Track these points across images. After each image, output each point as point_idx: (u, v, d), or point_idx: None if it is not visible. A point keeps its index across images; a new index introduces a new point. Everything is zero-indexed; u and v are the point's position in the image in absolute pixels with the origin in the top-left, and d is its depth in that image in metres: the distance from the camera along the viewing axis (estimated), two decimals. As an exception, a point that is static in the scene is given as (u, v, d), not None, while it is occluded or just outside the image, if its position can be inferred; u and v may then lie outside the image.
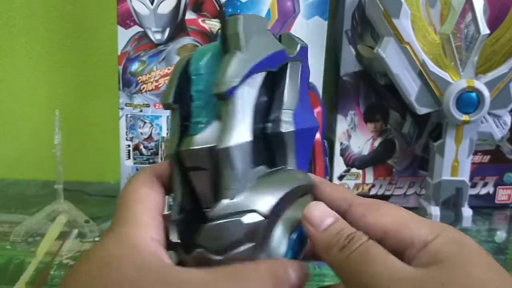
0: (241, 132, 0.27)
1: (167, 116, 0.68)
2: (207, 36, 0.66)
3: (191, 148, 0.27)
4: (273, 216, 0.27)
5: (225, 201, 0.27)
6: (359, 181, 0.73)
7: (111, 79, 0.72)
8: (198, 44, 0.66)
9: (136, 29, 0.65)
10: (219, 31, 0.66)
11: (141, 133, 0.69)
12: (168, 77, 0.67)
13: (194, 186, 0.28)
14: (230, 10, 0.65)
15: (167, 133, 0.68)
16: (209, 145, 0.27)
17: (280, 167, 0.30)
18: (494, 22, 0.66)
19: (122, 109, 0.68)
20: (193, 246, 0.27)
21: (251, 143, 0.27)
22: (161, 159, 0.68)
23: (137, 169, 0.69)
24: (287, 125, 0.29)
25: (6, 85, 0.81)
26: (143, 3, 0.65)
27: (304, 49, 0.31)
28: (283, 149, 0.29)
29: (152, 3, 0.65)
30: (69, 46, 0.80)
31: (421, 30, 0.64)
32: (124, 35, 0.66)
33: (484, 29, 0.61)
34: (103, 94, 0.81)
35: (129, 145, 0.69)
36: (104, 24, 0.78)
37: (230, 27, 0.27)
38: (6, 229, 0.63)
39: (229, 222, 0.26)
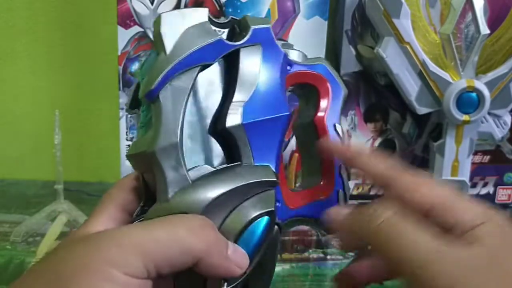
0: (167, 134, 0.26)
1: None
2: (207, 36, 0.66)
3: (128, 154, 0.28)
4: (208, 215, 0.26)
5: (156, 204, 0.27)
6: (359, 181, 0.73)
7: (111, 79, 0.72)
8: (198, 44, 0.66)
9: (136, 29, 0.65)
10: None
11: (141, 133, 0.69)
12: (168, 77, 0.67)
13: (148, 187, 0.29)
14: (230, 10, 0.65)
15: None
16: (141, 150, 0.27)
17: (231, 164, 0.28)
18: (494, 22, 0.65)
19: (122, 109, 0.68)
20: None
21: (179, 144, 0.26)
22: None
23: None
24: (232, 119, 0.28)
25: (6, 85, 0.81)
26: (143, 3, 0.65)
27: (263, 30, 0.29)
28: (235, 144, 0.28)
29: (152, 3, 0.65)
30: (69, 46, 0.80)
31: (421, 30, 0.64)
32: (124, 35, 0.66)
33: (484, 29, 0.61)
34: (103, 94, 0.81)
35: (129, 145, 0.69)
36: (104, 24, 0.78)
37: (155, 28, 0.27)
38: (6, 229, 0.63)
39: None
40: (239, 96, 0.28)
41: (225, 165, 0.28)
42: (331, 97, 0.34)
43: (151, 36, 0.66)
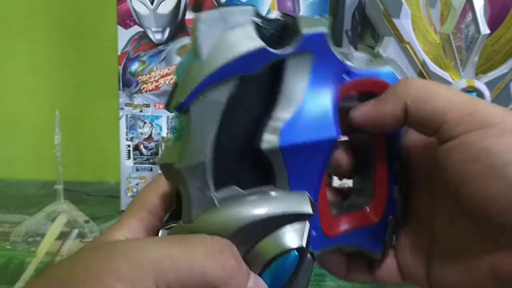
0: (194, 152, 0.23)
1: (168, 116, 0.68)
2: (207, 36, 0.66)
3: (159, 162, 0.26)
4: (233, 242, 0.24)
5: (180, 224, 0.24)
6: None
7: (111, 79, 0.72)
8: (198, 44, 0.66)
9: (136, 29, 0.65)
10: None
11: (141, 133, 0.69)
12: (168, 77, 0.67)
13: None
14: (230, 10, 0.65)
15: (167, 133, 0.68)
16: (168, 162, 0.24)
17: (263, 189, 0.25)
18: (494, 22, 0.65)
19: (122, 109, 0.68)
20: None
21: (207, 163, 0.23)
22: (161, 159, 0.68)
23: (137, 169, 0.69)
24: (268, 140, 0.24)
25: (6, 85, 0.81)
26: (143, 3, 0.65)
27: (316, 37, 0.24)
28: (270, 166, 0.25)
29: (152, 3, 0.65)
30: (69, 46, 0.80)
31: (421, 30, 0.64)
32: (124, 35, 0.66)
33: (485, 29, 0.61)
34: (103, 94, 0.81)
35: (129, 145, 0.69)
36: (104, 24, 0.78)
37: (192, 29, 0.23)
38: (6, 229, 0.63)
39: None
40: (280, 113, 0.24)
41: (257, 189, 0.25)
42: None
43: (151, 36, 0.66)
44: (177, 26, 0.66)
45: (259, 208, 0.24)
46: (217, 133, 0.23)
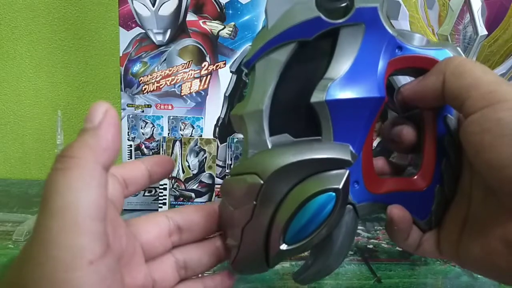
0: (255, 101, 0.28)
1: (169, 116, 0.68)
2: (208, 37, 0.67)
3: (231, 113, 0.30)
4: (274, 182, 0.28)
5: (238, 161, 0.30)
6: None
7: (113, 80, 0.73)
8: (199, 46, 0.67)
9: (137, 30, 0.66)
10: (219, 32, 0.67)
11: (143, 133, 0.69)
12: (169, 78, 0.67)
13: None
14: (230, 11, 0.66)
15: (168, 134, 0.69)
16: (234, 113, 0.29)
17: (310, 138, 0.29)
18: (492, 23, 0.66)
19: (123, 109, 0.68)
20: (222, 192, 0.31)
21: (264, 111, 0.28)
22: (162, 159, 0.68)
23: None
24: (317, 95, 0.28)
25: (9, 85, 0.82)
26: (144, 5, 0.65)
27: (368, 10, 0.28)
28: (318, 119, 0.28)
29: (153, 4, 0.65)
30: (71, 47, 0.80)
31: (420, 31, 0.64)
32: (125, 37, 0.66)
33: (482, 30, 0.62)
34: (105, 95, 0.81)
35: (130, 145, 0.70)
36: (106, 26, 0.78)
37: (266, 3, 0.28)
38: (9, 228, 0.64)
39: (235, 180, 0.29)
40: (331, 73, 0.28)
41: (305, 138, 0.29)
42: None
43: (152, 37, 0.66)
44: (178, 27, 0.66)
45: (304, 152, 0.28)
46: (276, 87, 0.28)
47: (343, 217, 0.29)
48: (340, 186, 0.28)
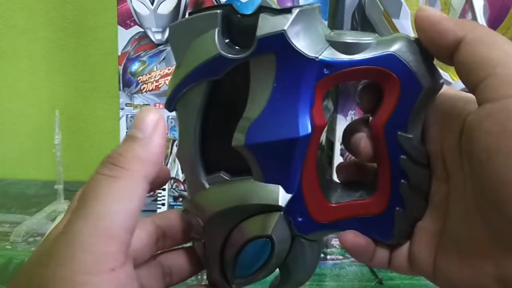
0: (182, 144, 0.28)
1: (167, 116, 0.68)
2: (207, 36, 0.66)
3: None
4: (213, 225, 0.28)
5: (185, 198, 0.30)
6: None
7: (112, 79, 0.73)
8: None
9: (136, 29, 0.65)
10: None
11: (141, 133, 0.69)
12: (168, 77, 0.67)
13: None
14: (230, 10, 0.65)
15: (167, 133, 0.69)
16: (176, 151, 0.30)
17: (242, 178, 0.27)
18: (494, 22, 0.66)
19: (122, 109, 0.68)
20: None
21: (191, 154, 0.28)
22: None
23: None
24: (237, 138, 0.26)
25: (7, 85, 0.81)
26: (143, 4, 0.65)
27: (272, 39, 0.24)
28: (247, 161, 0.27)
29: (152, 3, 0.65)
30: (69, 46, 0.80)
31: (421, 30, 0.64)
32: (124, 35, 0.66)
33: (484, 29, 0.61)
34: (104, 94, 0.81)
35: (129, 145, 0.69)
36: (105, 24, 0.78)
37: (169, 40, 0.28)
38: (7, 229, 0.63)
39: (187, 216, 0.30)
40: (249, 113, 0.26)
41: (238, 178, 0.28)
42: (398, 96, 0.25)
43: (151, 36, 0.66)
44: (177, 26, 0.66)
45: (235, 197, 0.27)
46: (201, 128, 0.27)
47: (294, 247, 0.29)
48: (270, 233, 0.27)
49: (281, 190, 0.27)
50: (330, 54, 0.25)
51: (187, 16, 0.26)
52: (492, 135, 0.20)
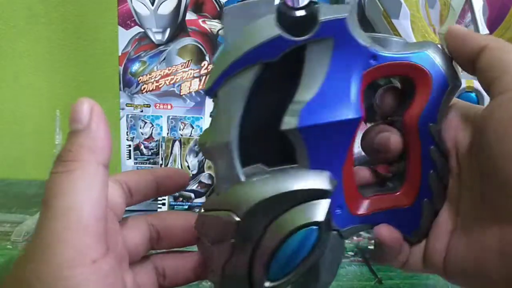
0: (220, 133, 0.26)
1: (168, 116, 0.68)
2: (208, 36, 0.66)
3: (198, 140, 0.28)
4: (251, 219, 0.26)
5: (211, 196, 0.27)
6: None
7: (112, 79, 0.73)
8: (199, 45, 0.67)
9: (136, 29, 0.66)
10: (219, 31, 0.66)
11: (142, 133, 0.69)
12: (168, 77, 0.67)
13: None
14: (230, 10, 0.65)
15: (167, 133, 0.69)
16: (200, 142, 0.27)
17: (285, 167, 0.27)
18: (493, 22, 0.66)
19: (122, 109, 0.68)
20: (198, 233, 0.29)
21: (232, 143, 0.25)
22: (162, 159, 0.68)
23: (137, 169, 0.69)
24: (288, 121, 0.26)
25: (7, 85, 0.81)
26: (143, 4, 0.65)
27: (334, 23, 0.25)
28: (292, 146, 0.26)
29: (152, 3, 0.65)
30: (70, 47, 0.80)
31: (421, 30, 0.64)
32: (124, 36, 0.66)
33: (484, 30, 0.61)
34: (104, 94, 0.81)
35: (129, 145, 0.69)
36: (105, 25, 0.78)
37: (222, 22, 0.27)
38: (7, 228, 0.63)
39: (209, 216, 0.27)
40: (301, 96, 0.26)
41: (279, 167, 0.27)
42: (430, 91, 0.28)
43: (151, 36, 0.66)
44: (177, 26, 0.66)
45: (280, 185, 0.26)
46: (243, 115, 0.25)
47: (329, 242, 0.28)
48: (322, 219, 0.26)
49: (329, 175, 0.27)
50: (374, 47, 0.27)
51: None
52: (503, 121, 0.23)
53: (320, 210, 0.26)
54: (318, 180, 0.26)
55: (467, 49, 0.27)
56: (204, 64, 0.67)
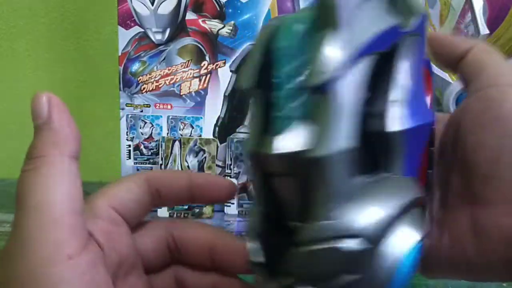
0: (341, 137, 0.20)
1: (168, 116, 0.68)
2: (208, 36, 0.66)
3: (272, 153, 0.21)
4: (381, 240, 0.21)
5: (321, 222, 0.20)
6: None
7: (112, 79, 0.73)
8: (199, 45, 0.66)
9: (136, 29, 0.66)
10: (219, 31, 0.66)
11: (142, 133, 0.69)
12: (168, 78, 0.67)
13: (276, 193, 0.23)
14: (230, 10, 0.65)
15: (167, 133, 0.69)
16: (296, 150, 0.20)
17: (383, 175, 0.22)
18: (493, 22, 0.66)
19: (122, 109, 0.68)
20: (281, 272, 0.22)
21: (356, 150, 0.20)
22: (161, 159, 0.68)
23: (137, 169, 0.69)
24: (394, 122, 0.22)
25: (7, 85, 0.81)
26: (143, 4, 0.65)
27: (423, 18, 0.23)
28: (388, 152, 0.22)
29: (152, 3, 0.65)
30: (69, 46, 0.80)
31: (421, 30, 0.64)
32: (124, 36, 0.66)
33: (484, 29, 0.61)
34: (104, 94, 0.81)
35: (129, 145, 0.69)
36: (105, 25, 0.78)
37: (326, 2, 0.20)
38: (7, 229, 0.63)
39: (326, 249, 0.20)
40: (395, 95, 0.22)
41: (382, 175, 0.22)
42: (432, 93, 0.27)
43: (151, 36, 0.66)
44: (177, 26, 0.66)
45: (394, 199, 0.21)
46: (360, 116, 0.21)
47: None
48: (426, 231, 0.23)
49: (417, 182, 0.24)
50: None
51: None
52: (476, 111, 0.26)
53: (422, 219, 0.23)
54: (415, 188, 0.23)
55: (453, 51, 0.29)
56: (204, 64, 0.67)
